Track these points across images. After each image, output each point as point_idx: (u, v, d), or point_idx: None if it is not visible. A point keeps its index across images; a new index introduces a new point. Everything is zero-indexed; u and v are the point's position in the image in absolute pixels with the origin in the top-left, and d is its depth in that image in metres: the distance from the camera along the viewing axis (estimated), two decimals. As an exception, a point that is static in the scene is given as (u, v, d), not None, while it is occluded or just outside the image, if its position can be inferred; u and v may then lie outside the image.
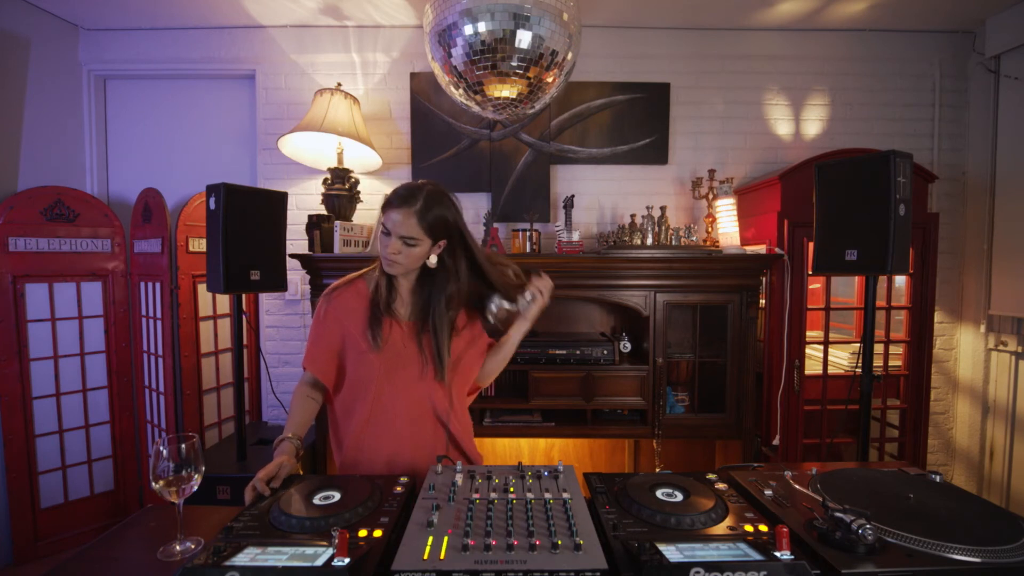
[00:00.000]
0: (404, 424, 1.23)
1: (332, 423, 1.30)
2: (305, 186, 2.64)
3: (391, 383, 1.23)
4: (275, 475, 1.02)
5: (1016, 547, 0.76)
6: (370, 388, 1.22)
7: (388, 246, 1.16)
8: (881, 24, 2.58)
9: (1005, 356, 2.52)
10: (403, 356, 1.23)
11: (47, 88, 2.48)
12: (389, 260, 1.17)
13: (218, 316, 2.63)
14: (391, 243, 1.15)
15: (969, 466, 2.67)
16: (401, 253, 1.16)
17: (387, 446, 1.22)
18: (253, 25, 2.59)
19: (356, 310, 1.24)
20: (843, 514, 0.78)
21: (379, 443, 1.22)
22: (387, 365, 1.22)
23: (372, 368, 1.21)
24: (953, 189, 2.67)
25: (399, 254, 1.16)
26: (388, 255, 1.16)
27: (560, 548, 0.75)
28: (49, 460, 2.34)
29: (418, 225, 1.14)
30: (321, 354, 1.24)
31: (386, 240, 1.16)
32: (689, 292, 2.19)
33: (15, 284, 2.23)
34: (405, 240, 1.14)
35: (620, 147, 2.61)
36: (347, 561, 0.72)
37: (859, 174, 1.62)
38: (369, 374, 1.22)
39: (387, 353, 1.22)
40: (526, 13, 1.58)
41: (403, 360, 1.23)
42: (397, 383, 1.23)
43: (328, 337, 1.24)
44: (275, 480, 1.01)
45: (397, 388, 1.23)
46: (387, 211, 1.15)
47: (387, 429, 1.23)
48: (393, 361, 1.22)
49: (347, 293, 1.26)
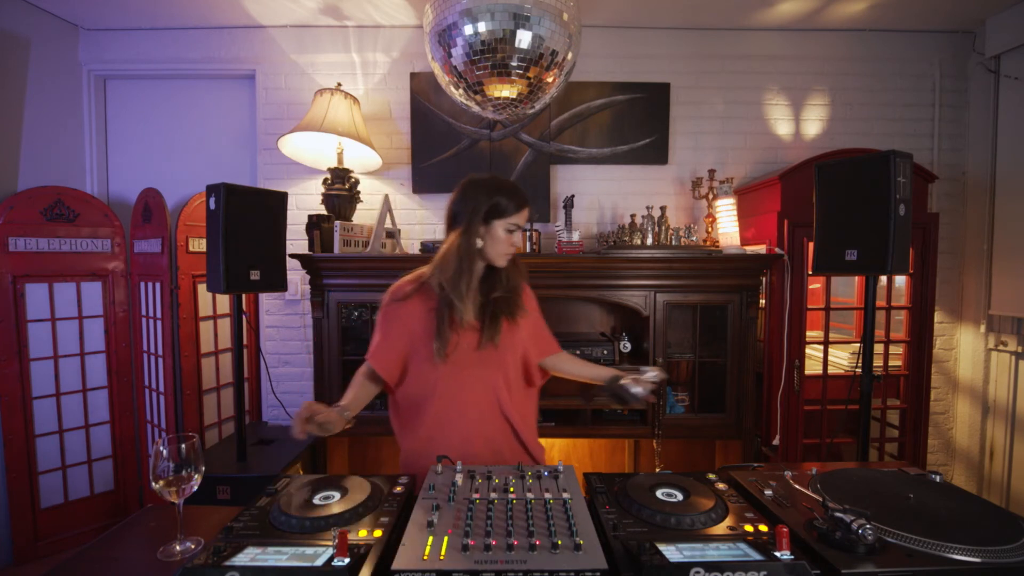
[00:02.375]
0: (472, 422, 1.28)
1: (394, 408, 1.35)
2: (305, 186, 2.64)
3: (458, 381, 1.27)
4: (320, 412, 1.08)
5: (1016, 547, 0.76)
6: (438, 387, 1.27)
7: (512, 242, 1.28)
8: (881, 24, 2.58)
9: (1005, 356, 2.52)
10: (470, 356, 1.28)
11: (47, 88, 2.48)
12: (508, 254, 1.29)
13: (218, 316, 2.63)
14: (515, 237, 1.29)
15: (969, 466, 2.67)
16: (516, 245, 1.30)
17: (457, 441, 1.27)
18: (253, 25, 2.59)
19: (423, 314, 1.29)
20: (843, 514, 0.79)
21: (449, 439, 1.27)
22: (454, 367, 1.27)
23: (438, 369, 1.26)
24: (953, 189, 2.67)
25: (516, 245, 1.30)
26: (510, 250, 1.29)
27: (560, 548, 0.75)
28: (49, 460, 2.34)
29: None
30: (387, 353, 1.29)
31: (509, 237, 1.27)
32: (689, 292, 2.19)
33: (15, 284, 2.23)
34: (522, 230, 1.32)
35: (620, 147, 2.61)
36: (347, 561, 0.72)
37: (859, 174, 1.62)
38: (436, 375, 1.27)
39: (455, 355, 1.26)
40: (526, 13, 1.58)
41: (470, 360, 1.28)
42: (464, 382, 1.28)
43: (394, 339, 1.29)
44: (320, 415, 1.08)
45: (464, 386, 1.28)
46: (519, 211, 1.27)
47: (456, 427, 1.28)
48: (461, 361, 1.27)
49: (416, 298, 1.30)
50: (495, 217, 1.25)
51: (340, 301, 2.25)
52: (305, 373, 2.67)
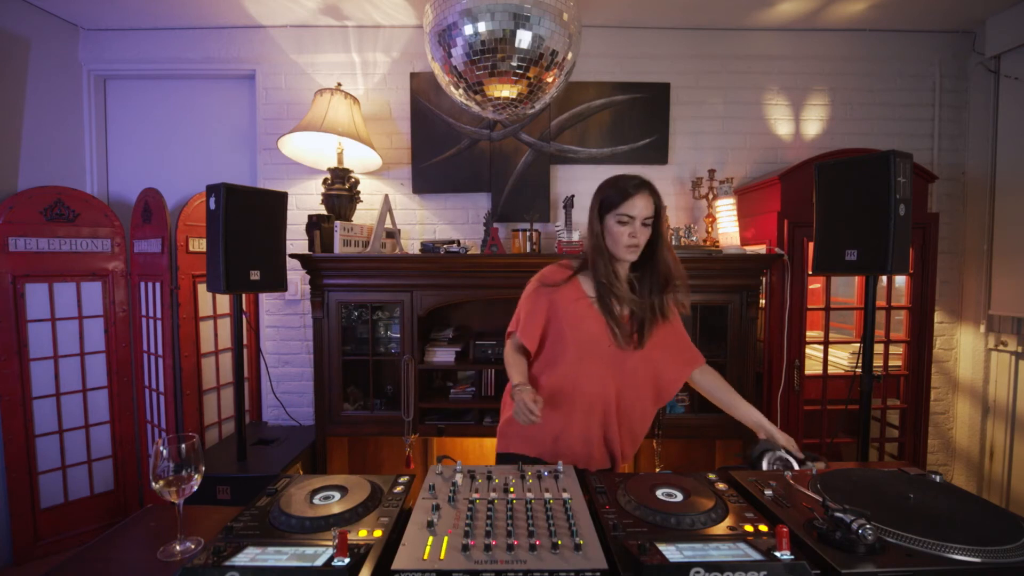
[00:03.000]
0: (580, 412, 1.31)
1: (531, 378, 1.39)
2: (305, 186, 2.64)
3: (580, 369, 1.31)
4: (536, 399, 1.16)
5: (1016, 547, 0.76)
6: (560, 368, 1.33)
7: (629, 233, 1.26)
8: (881, 24, 2.57)
9: (1005, 356, 2.51)
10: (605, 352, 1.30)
11: (47, 88, 2.48)
12: (633, 246, 1.27)
13: (218, 316, 2.63)
14: (633, 228, 1.26)
15: (969, 466, 2.67)
16: (639, 235, 1.27)
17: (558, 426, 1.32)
18: (253, 25, 2.59)
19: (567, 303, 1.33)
20: (843, 514, 0.78)
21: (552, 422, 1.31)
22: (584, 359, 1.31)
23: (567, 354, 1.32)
24: (953, 189, 2.67)
25: (637, 236, 1.27)
26: (631, 242, 1.26)
27: (560, 548, 0.75)
28: (49, 460, 2.34)
29: (654, 204, 1.27)
30: (531, 329, 1.34)
31: (623, 228, 1.26)
32: (689, 292, 2.19)
33: (15, 284, 2.23)
34: (645, 222, 1.26)
35: (620, 147, 2.61)
36: (347, 561, 0.72)
37: (859, 174, 1.62)
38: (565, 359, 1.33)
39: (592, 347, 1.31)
40: (526, 13, 1.58)
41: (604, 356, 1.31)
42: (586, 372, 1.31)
43: (538, 316, 1.35)
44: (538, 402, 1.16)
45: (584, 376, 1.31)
46: (625, 200, 1.25)
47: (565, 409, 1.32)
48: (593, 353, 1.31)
49: (564, 288, 1.35)
50: (606, 212, 1.28)
51: (340, 301, 2.25)
52: (305, 373, 2.67)
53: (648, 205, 1.26)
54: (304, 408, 2.66)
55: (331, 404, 2.27)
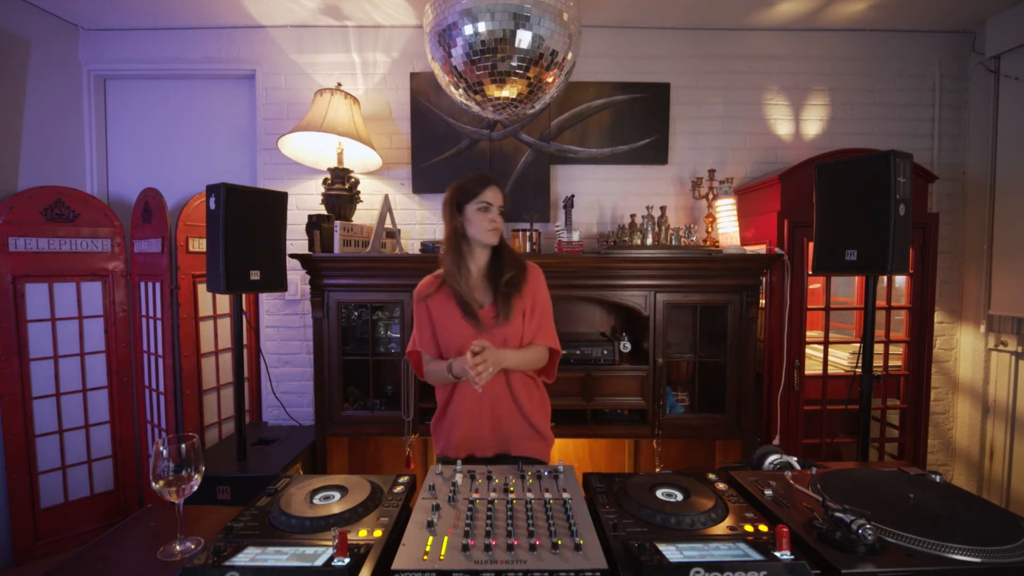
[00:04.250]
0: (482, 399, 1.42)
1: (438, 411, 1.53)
2: (305, 186, 2.64)
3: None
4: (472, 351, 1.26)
5: (1016, 547, 0.76)
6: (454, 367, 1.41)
7: (489, 220, 1.41)
8: (881, 24, 2.58)
9: (1005, 356, 2.52)
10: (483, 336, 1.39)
11: (47, 88, 2.48)
12: (493, 230, 1.42)
13: (218, 316, 2.63)
14: (491, 215, 1.41)
15: (969, 466, 2.67)
16: (497, 221, 1.43)
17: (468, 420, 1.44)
18: (253, 25, 2.59)
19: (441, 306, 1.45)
20: (843, 514, 0.79)
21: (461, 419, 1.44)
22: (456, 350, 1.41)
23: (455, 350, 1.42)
24: (953, 189, 2.67)
25: (496, 221, 1.42)
26: (492, 227, 1.41)
27: (560, 548, 0.75)
28: (49, 460, 2.34)
29: (502, 197, 1.45)
30: (426, 342, 1.48)
31: (484, 215, 1.41)
32: (689, 292, 2.19)
33: (15, 284, 2.23)
34: (500, 210, 1.43)
35: (620, 147, 2.61)
36: (347, 561, 0.72)
37: (859, 174, 1.62)
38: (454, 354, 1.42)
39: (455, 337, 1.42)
40: (526, 13, 1.58)
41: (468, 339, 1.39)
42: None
43: (426, 329, 1.48)
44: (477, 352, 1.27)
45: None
46: (483, 190, 1.41)
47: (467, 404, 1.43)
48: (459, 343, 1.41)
49: (437, 295, 1.47)
50: (465, 203, 1.43)
51: (340, 301, 2.25)
52: (305, 373, 2.67)
53: (499, 196, 1.44)
54: (304, 408, 2.66)
55: (331, 404, 2.27)
